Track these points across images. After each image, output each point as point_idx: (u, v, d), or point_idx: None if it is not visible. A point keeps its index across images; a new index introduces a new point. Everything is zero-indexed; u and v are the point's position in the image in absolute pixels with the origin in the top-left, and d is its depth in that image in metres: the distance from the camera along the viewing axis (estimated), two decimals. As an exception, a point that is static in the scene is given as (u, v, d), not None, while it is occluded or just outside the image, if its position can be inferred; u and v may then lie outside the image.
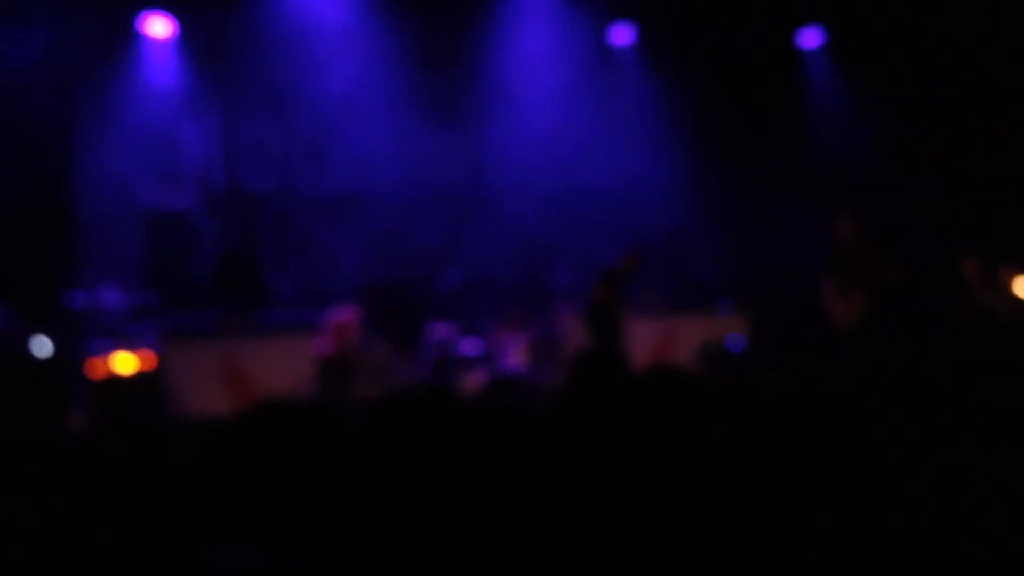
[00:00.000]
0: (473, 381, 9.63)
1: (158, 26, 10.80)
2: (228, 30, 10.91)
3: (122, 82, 10.74)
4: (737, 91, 11.73)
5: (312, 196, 11.59)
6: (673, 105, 11.94)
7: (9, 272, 9.38)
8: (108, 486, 2.46)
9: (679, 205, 11.68)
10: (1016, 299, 10.09)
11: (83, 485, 2.48)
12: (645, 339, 9.93)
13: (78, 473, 2.58)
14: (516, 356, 9.76)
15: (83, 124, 10.47)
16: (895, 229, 9.73)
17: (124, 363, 8.62)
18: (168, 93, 10.99)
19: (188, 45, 10.99)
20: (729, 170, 11.68)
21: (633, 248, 9.44)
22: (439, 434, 1.93)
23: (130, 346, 8.92)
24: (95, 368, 8.60)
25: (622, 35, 12.10)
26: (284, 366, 9.80)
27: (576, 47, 11.82)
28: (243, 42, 10.95)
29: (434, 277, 10.81)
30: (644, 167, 11.94)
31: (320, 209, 11.63)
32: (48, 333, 8.85)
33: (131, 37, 10.80)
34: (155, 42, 10.87)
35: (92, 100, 10.53)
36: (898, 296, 9.12)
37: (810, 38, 12.20)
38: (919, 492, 2.15)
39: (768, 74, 11.91)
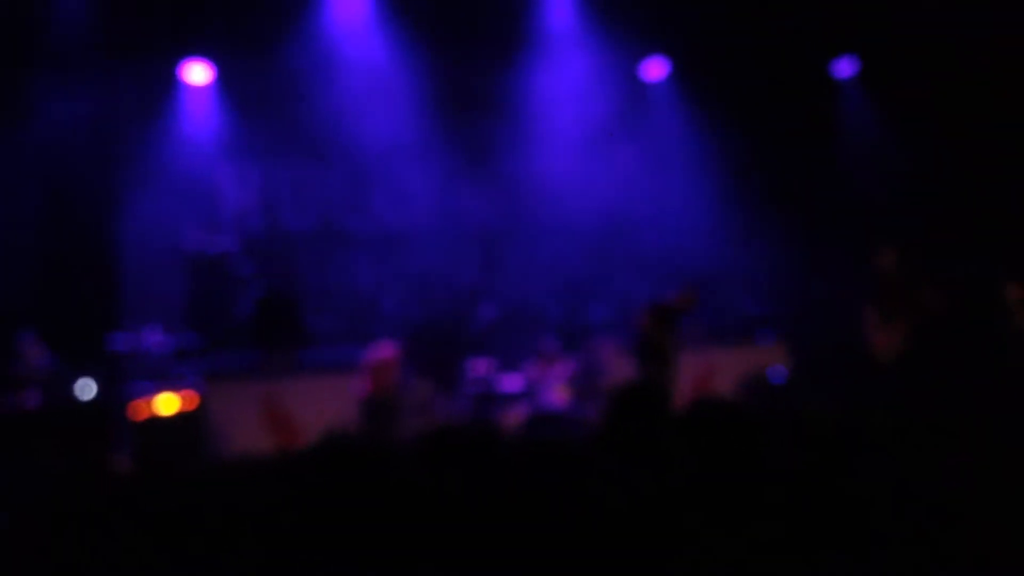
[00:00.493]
0: (514, 416, 9.58)
1: (197, 73, 10.94)
2: (265, 75, 11.04)
3: (163, 129, 10.89)
4: (772, 123, 11.67)
5: (351, 236, 11.66)
6: (709, 138, 11.90)
7: (54, 316, 9.48)
8: (151, 526, 2.45)
9: (717, 239, 11.60)
10: None
11: (126, 526, 2.47)
12: (687, 371, 9.84)
13: (121, 513, 2.57)
14: (556, 391, 9.70)
15: (125, 171, 10.61)
16: (936, 258, 9.58)
17: (166, 404, 8.66)
18: (207, 139, 11.13)
19: (226, 91, 11.14)
20: (766, 202, 11.59)
21: (690, 285, 9.37)
22: (483, 468, 1.91)
23: (172, 387, 8.96)
24: (138, 410, 8.65)
25: (655, 70, 12.11)
26: (325, 405, 9.80)
27: (610, 83, 11.83)
28: (280, 86, 11.07)
29: (473, 314, 10.79)
30: (681, 201, 11.90)
31: (359, 249, 11.69)
32: (92, 376, 8.93)
33: (171, 85, 10.96)
34: (194, 89, 11.02)
35: (134, 148, 10.68)
36: (941, 327, 8.95)
37: (844, 68, 12.14)
38: (961, 520, 2.10)
39: (803, 105, 11.85)
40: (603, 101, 11.78)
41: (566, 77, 11.67)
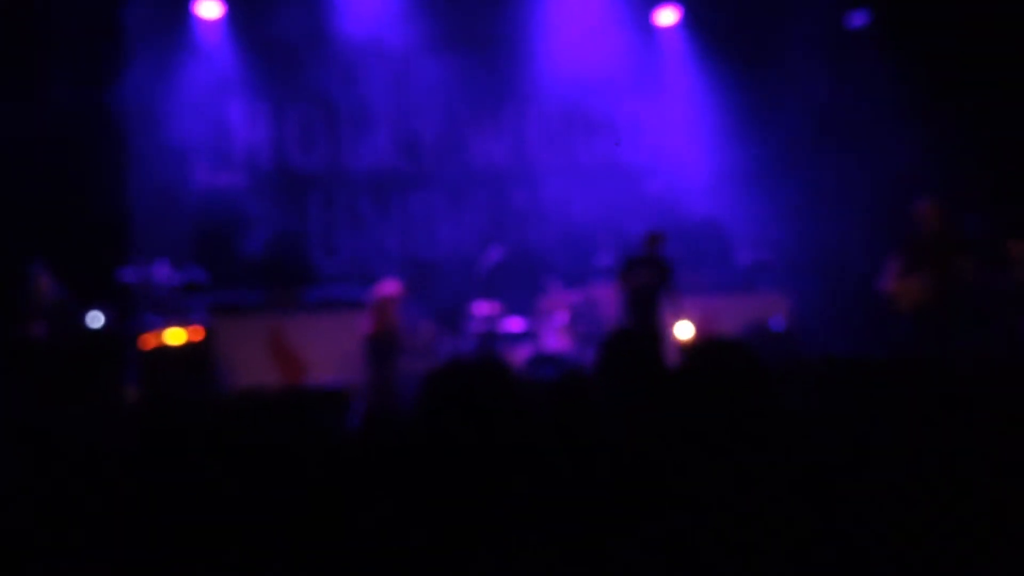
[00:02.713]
0: (516, 357, 9.59)
1: (209, 9, 10.81)
2: (276, 14, 10.91)
3: (174, 63, 10.78)
4: (782, 72, 11.48)
5: (358, 177, 11.60)
6: (717, 86, 11.76)
7: (64, 249, 9.44)
8: (156, 455, 2.43)
9: (723, 185, 11.49)
10: None
11: (134, 454, 2.45)
12: (689, 318, 9.82)
13: (129, 442, 2.55)
14: (558, 334, 9.69)
15: (136, 103, 10.51)
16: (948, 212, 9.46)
17: (174, 336, 8.65)
18: (219, 75, 11.02)
19: (237, 28, 11.01)
20: (773, 153, 11.45)
21: (651, 232, 9.39)
22: (490, 403, 1.87)
23: (180, 321, 8.96)
24: (146, 341, 8.65)
25: (666, 16, 11.93)
26: (331, 342, 9.82)
27: (619, 26, 11.65)
28: (290, 25, 10.93)
29: (478, 255, 10.74)
30: (686, 149, 11.78)
31: (366, 189, 11.64)
32: (101, 308, 8.91)
33: (185, 18, 10.83)
34: (207, 24, 10.89)
35: (146, 80, 10.57)
36: (966, 283, 8.87)
37: (858, 18, 11.94)
38: (971, 475, 2.05)
39: (814, 56, 11.67)
40: (612, 45, 11.60)
41: (574, 20, 11.48)
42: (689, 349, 2.50)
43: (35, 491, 2.26)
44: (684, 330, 9.32)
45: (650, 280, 9.16)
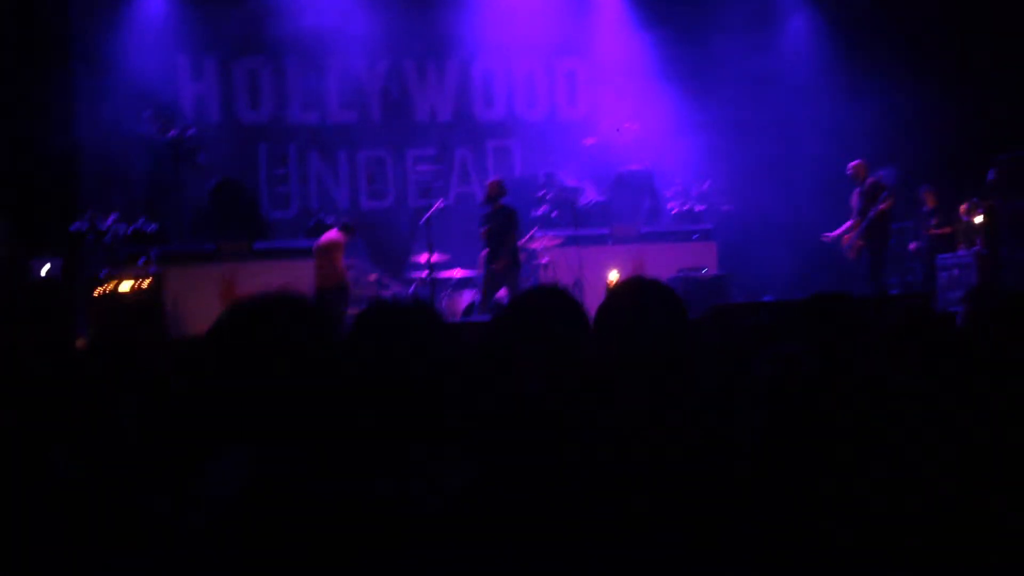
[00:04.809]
0: (459, 302, 9.77)
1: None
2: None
3: (123, 16, 10.68)
4: (722, 35, 11.50)
5: (305, 129, 11.62)
6: (655, 46, 11.87)
7: (15, 199, 9.40)
8: (104, 399, 2.52)
9: (658, 141, 11.62)
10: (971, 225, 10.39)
11: (84, 399, 2.53)
12: (621, 265, 10.03)
13: (79, 388, 2.63)
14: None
15: (85, 57, 10.41)
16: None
17: (123, 285, 8.68)
18: (167, 28, 10.94)
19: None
20: (711, 112, 11.54)
21: (491, 182, 9.53)
22: (413, 338, 1.97)
23: (130, 270, 8.98)
24: (96, 290, 8.67)
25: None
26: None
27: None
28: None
29: (424, 207, 10.84)
30: (623, 105, 11.89)
31: (313, 142, 11.66)
32: (52, 258, 8.90)
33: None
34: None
35: (94, 33, 10.47)
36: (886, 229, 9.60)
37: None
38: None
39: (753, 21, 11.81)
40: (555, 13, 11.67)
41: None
42: (614, 288, 2.56)
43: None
44: (612, 276, 9.53)
45: (496, 227, 9.17)
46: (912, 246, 11.22)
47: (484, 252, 9.37)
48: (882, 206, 9.38)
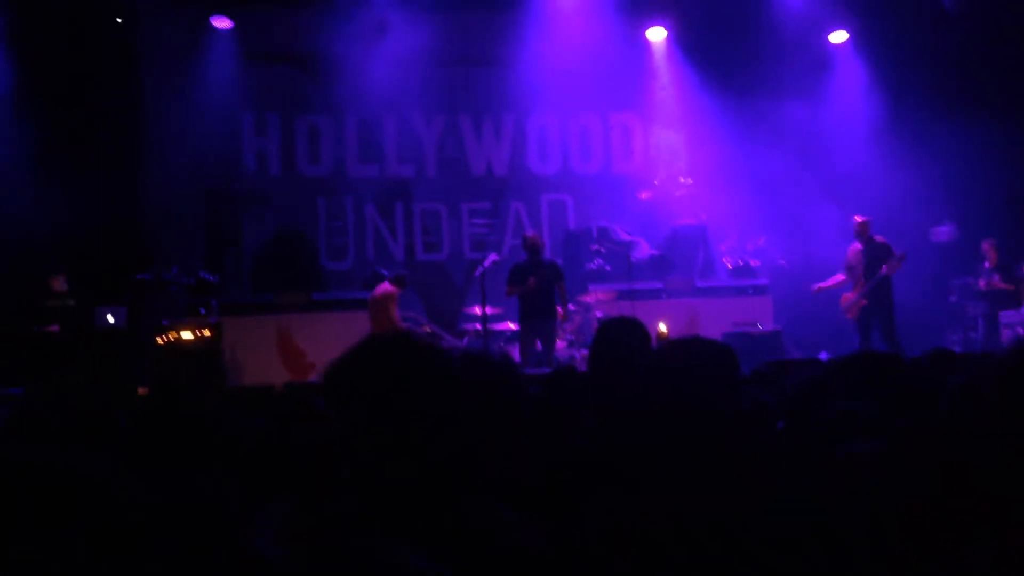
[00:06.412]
0: (513, 355, 9.65)
1: (220, 21, 10.95)
2: (281, 28, 11.05)
3: (192, 76, 10.90)
4: (768, 91, 11.44)
5: (361, 183, 11.70)
6: (705, 102, 11.81)
7: (81, 251, 9.54)
8: (162, 445, 2.48)
9: (711, 195, 11.51)
10: None
11: (142, 445, 2.50)
12: (675, 319, 9.88)
13: (139, 435, 2.60)
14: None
15: (153, 113, 10.62)
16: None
17: (185, 333, 8.72)
18: (232, 87, 11.14)
19: (245, 40, 11.13)
20: (760, 165, 11.44)
21: (527, 238, 9.25)
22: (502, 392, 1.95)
23: (191, 319, 9.03)
24: (159, 339, 8.72)
25: (656, 33, 12.03)
26: (336, 341, 9.85)
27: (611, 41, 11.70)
28: (295, 38, 11.07)
29: (477, 259, 10.81)
30: (676, 160, 11.83)
31: (370, 195, 11.73)
32: (116, 307, 8.99)
33: (198, 32, 10.95)
34: (220, 36, 11.02)
35: (163, 91, 10.69)
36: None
37: (839, 37, 12.03)
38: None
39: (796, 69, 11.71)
40: (601, 59, 11.66)
41: (564, 36, 11.48)
42: (663, 344, 2.50)
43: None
44: (661, 327, 9.34)
45: (538, 284, 8.86)
46: (972, 307, 10.84)
47: (531, 303, 9.06)
48: (887, 271, 9.07)
